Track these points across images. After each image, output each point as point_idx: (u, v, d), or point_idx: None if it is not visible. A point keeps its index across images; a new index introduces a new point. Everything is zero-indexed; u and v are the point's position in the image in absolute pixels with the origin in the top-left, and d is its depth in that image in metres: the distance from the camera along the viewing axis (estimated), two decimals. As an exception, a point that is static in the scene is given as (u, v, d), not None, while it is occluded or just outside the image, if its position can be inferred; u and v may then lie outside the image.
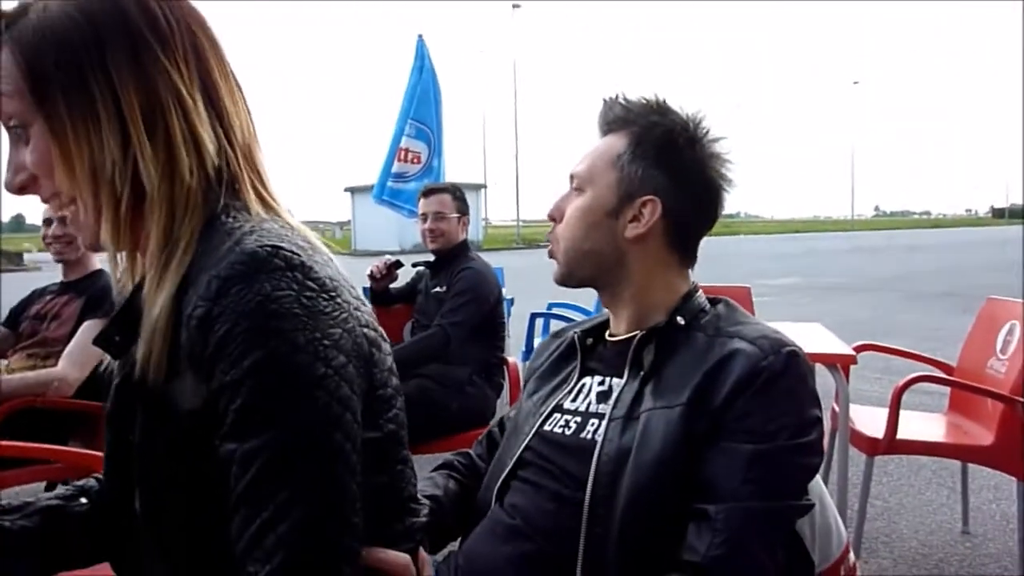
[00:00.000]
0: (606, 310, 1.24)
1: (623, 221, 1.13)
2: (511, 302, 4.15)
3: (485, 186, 38.78)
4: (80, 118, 0.76)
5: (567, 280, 1.19)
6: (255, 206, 0.82)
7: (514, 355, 3.22)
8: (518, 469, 1.14)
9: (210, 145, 0.80)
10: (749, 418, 0.97)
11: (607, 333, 1.22)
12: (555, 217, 1.18)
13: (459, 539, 1.18)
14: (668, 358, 1.07)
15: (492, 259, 3.29)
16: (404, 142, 5.24)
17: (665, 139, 1.12)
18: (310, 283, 0.73)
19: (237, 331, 0.69)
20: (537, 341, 4.76)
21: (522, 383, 2.94)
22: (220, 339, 0.70)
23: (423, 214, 3.20)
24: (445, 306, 2.95)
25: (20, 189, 0.81)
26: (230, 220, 0.78)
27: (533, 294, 9.61)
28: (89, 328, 2.51)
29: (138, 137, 0.77)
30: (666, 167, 1.12)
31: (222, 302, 0.70)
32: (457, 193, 3.22)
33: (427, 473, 1.24)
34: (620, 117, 1.16)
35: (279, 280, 0.71)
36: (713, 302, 1.15)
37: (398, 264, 3.28)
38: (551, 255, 1.20)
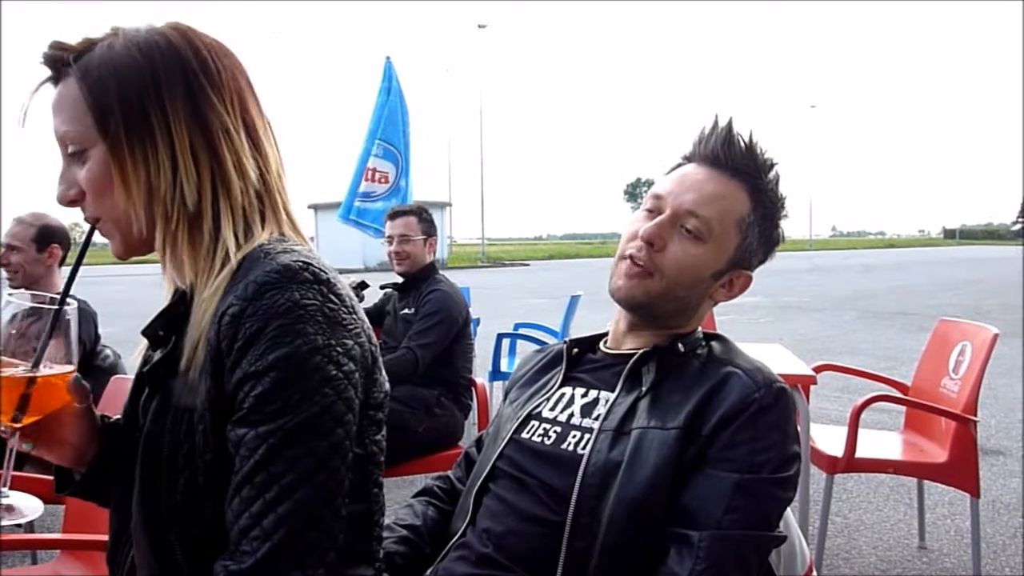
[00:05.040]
0: (610, 326, 1.24)
1: (718, 283, 1.16)
2: (477, 322, 4.16)
3: (450, 204, 38.74)
4: (139, 145, 0.85)
5: (640, 306, 1.15)
6: (285, 227, 0.93)
7: (480, 376, 3.22)
8: (490, 482, 1.14)
9: (252, 172, 0.89)
10: (736, 448, 1.00)
11: (603, 344, 1.24)
12: (653, 243, 1.12)
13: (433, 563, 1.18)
14: (665, 379, 1.10)
15: (456, 278, 3.30)
16: (372, 162, 5.23)
17: (773, 212, 1.15)
18: (333, 296, 0.84)
19: (268, 329, 0.79)
20: (504, 362, 4.76)
21: (490, 403, 2.94)
22: (251, 335, 0.79)
23: (389, 236, 3.21)
24: (413, 328, 2.96)
25: (71, 202, 0.90)
26: (270, 244, 0.89)
27: (499, 314, 9.64)
28: None
29: (185, 163, 0.86)
30: (767, 243, 1.17)
31: (256, 303, 0.80)
32: (424, 215, 3.23)
33: (397, 496, 1.24)
34: (742, 163, 1.13)
35: (307, 290, 0.82)
36: (709, 337, 1.18)
37: (363, 285, 3.28)
38: (632, 276, 1.13)
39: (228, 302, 0.81)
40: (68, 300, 0.89)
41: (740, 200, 1.13)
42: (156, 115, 0.85)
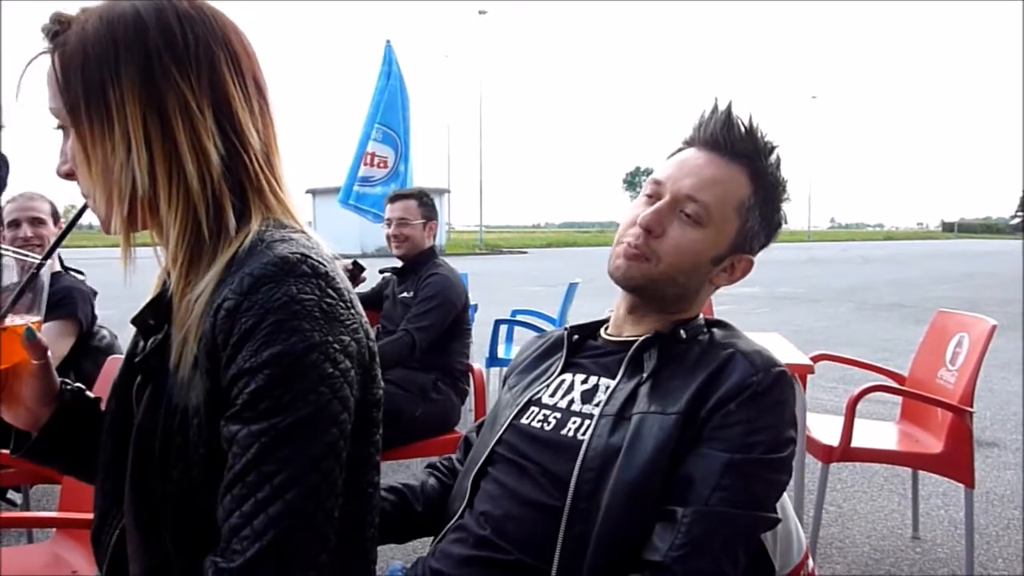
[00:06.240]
0: (609, 311, 1.24)
1: (719, 268, 1.16)
2: (474, 308, 4.16)
3: (449, 191, 38.68)
4: (98, 125, 0.82)
5: (639, 291, 1.15)
6: (276, 212, 0.88)
7: (478, 362, 3.22)
8: (489, 466, 1.15)
9: (214, 155, 0.84)
10: (730, 428, 1.00)
11: (604, 331, 1.24)
12: (652, 230, 1.11)
13: (430, 544, 1.18)
14: (666, 365, 1.10)
15: (454, 264, 3.30)
16: (371, 146, 5.20)
17: (774, 195, 1.14)
18: (331, 291, 0.81)
19: (263, 324, 0.76)
20: (501, 348, 4.76)
21: (487, 388, 2.95)
22: (247, 330, 0.77)
23: (388, 220, 3.20)
24: (412, 311, 2.95)
25: (67, 175, 0.89)
26: (267, 232, 0.85)
27: (496, 300, 9.64)
28: (49, 329, 2.45)
29: (137, 145, 0.81)
30: (768, 226, 1.16)
31: (252, 297, 0.77)
32: (424, 199, 3.22)
33: (392, 480, 1.24)
34: (742, 146, 1.12)
35: (305, 284, 0.79)
36: (711, 324, 1.18)
37: (360, 268, 3.26)
38: (631, 257, 1.12)
39: (223, 295, 0.79)
40: (44, 266, 0.92)
41: (740, 184, 1.12)
42: (114, 93, 0.81)
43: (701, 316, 1.19)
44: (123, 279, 0.89)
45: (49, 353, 0.96)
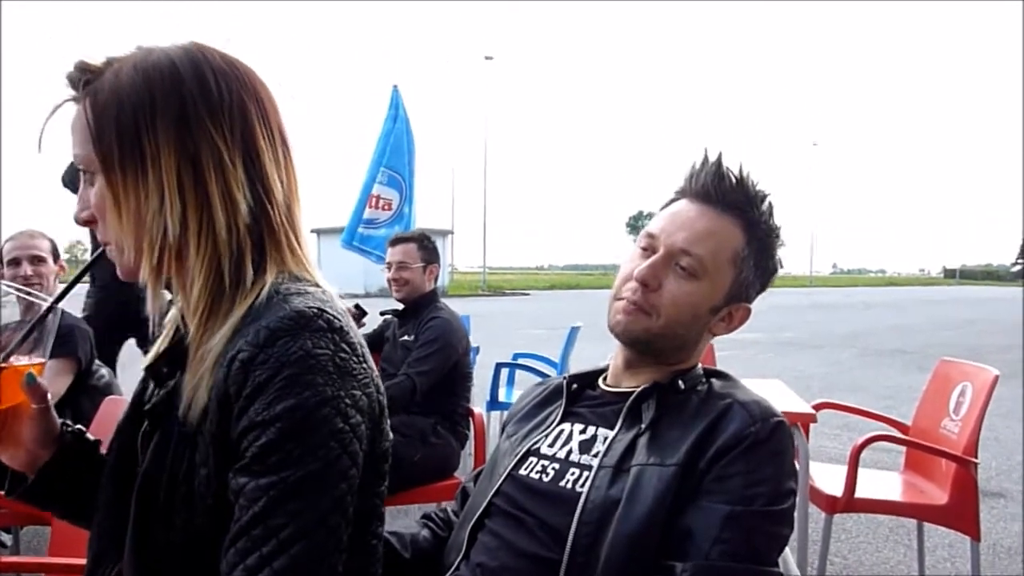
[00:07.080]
0: (608, 361, 1.24)
1: (716, 318, 1.16)
2: (476, 351, 4.15)
3: (452, 232, 38.90)
4: (131, 173, 0.83)
5: (639, 342, 1.15)
6: (290, 264, 0.89)
7: (479, 405, 3.20)
8: (486, 518, 1.13)
9: (243, 205, 0.85)
10: (729, 480, 0.99)
11: (602, 381, 1.23)
12: (648, 284, 1.11)
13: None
14: (664, 415, 1.09)
15: (457, 306, 3.29)
16: (376, 189, 5.25)
17: (768, 243, 1.15)
18: (345, 345, 0.82)
19: (277, 378, 0.77)
20: (502, 392, 4.73)
21: (487, 433, 2.92)
22: (260, 382, 0.77)
23: (388, 263, 3.22)
24: (412, 355, 2.94)
25: (85, 222, 0.89)
26: (284, 285, 0.86)
27: (498, 343, 9.63)
28: (48, 368, 2.43)
29: (170, 194, 0.83)
30: (763, 274, 1.17)
31: (268, 350, 0.78)
32: (425, 243, 3.23)
33: (391, 526, 1.23)
34: (733, 197, 1.13)
35: (320, 339, 0.80)
36: (709, 374, 1.18)
37: (362, 312, 3.25)
38: (630, 312, 1.13)
39: (238, 347, 0.79)
40: (55, 308, 0.93)
41: (733, 235, 1.13)
42: (149, 143, 0.82)
43: (700, 366, 1.19)
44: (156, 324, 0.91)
45: (49, 396, 0.96)
